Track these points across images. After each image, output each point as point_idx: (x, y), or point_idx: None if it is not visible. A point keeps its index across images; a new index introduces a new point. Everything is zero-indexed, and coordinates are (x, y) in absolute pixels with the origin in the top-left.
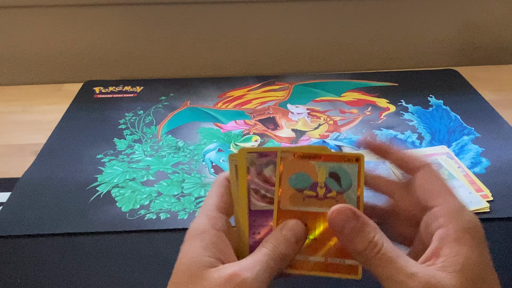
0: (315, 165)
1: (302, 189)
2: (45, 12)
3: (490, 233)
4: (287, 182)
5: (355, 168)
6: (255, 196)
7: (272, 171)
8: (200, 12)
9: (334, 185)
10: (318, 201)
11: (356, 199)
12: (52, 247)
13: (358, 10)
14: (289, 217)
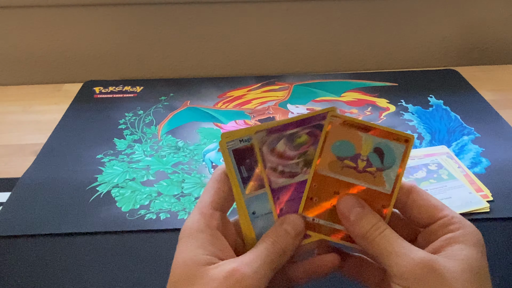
0: (362, 136)
1: (343, 158)
2: (45, 12)
3: (490, 233)
4: (329, 147)
5: (402, 148)
6: (274, 174)
7: (286, 144)
8: (200, 12)
9: (376, 161)
10: (356, 173)
11: (395, 179)
12: (52, 247)
13: (358, 10)
14: (323, 182)
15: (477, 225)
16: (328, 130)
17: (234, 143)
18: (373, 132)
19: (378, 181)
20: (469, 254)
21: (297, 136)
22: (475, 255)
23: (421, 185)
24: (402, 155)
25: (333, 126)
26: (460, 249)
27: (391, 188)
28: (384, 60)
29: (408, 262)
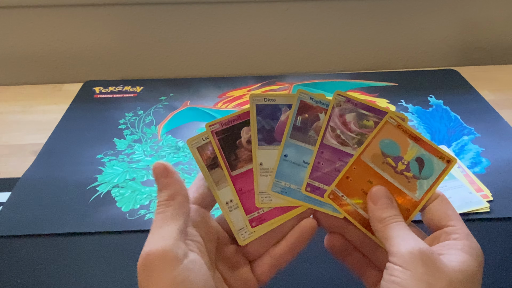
0: (410, 143)
1: (387, 155)
2: (45, 12)
3: (490, 233)
4: (378, 141)
5: (442, 166)
6: (331, 133)
7: (353, 118)
8: (200, 12)
9: (415, 168)
10: (393, 172)
11: (426, 190)
12: (52, 247)
13: (358, 10)
14: (362, 168)
15: (477, 225)
16: (382, 126)
17: (197, 141)
18: (421, 143)
19: (411, 186)
20: (465, 260)
21: (366, 118)
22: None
23: None
24: (441, 172)
25: (387, 126)
26: (457, 254)
27: (420, 197)
28: (384, 60)
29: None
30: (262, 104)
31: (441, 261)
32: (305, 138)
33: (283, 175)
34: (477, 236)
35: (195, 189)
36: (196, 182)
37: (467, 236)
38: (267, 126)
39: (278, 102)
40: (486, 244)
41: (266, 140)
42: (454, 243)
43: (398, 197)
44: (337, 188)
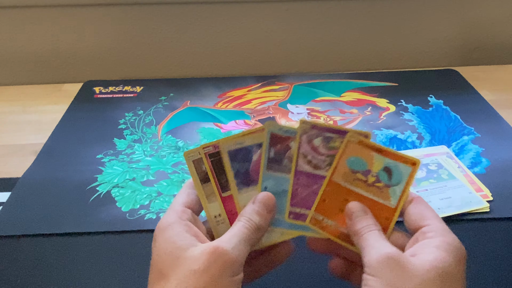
0: (374, 156)
1: (356, 171)
2: (45, 12)
3: (490, 233)
4: (345, 160)
5: (408, 170)
6: (303, 160)
7: (321, 142)
8: (200, 12)
9: (385, 178)
10: (365, 186)
11: (399, 196)
12: (52, 247)
13: (358, 10)
14: (336, 188)
15: (477, 225)
16: (346, 146)
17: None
18: (384, 153)
19: (385, 195)
20: (439, 257)
21: (332, 140)
22: (445, 259)
23: (421, 185)
24: (409, 175)
25: (350, 143)
26: (431, 252)
27: (395, 203)
28: (384, 60)
29: (377, 254)
30: (234, 150)
31: (410, 263)
32: (281, 168)
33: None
34: (477, 236)
35: (186, 195)
36: (186, 189)
37: (443, 233)
38: (242, 170)
39: (248, 144)
40: (486, 244)
41: (244, 183)
42: (429, 242)
43: (375, 208)
44: (317, 213)
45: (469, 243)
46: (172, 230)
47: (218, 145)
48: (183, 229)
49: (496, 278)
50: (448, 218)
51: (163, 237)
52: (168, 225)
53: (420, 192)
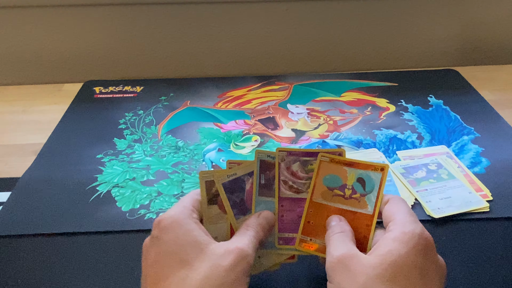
0: (347, 170)
1: (333, 188)
2: (45, 12)
3: (490, 233)
4: (321, 180)
5: (379, 176)
6: (284, 186)
7: (298, 167)
8: (200, 12)
9: (360, 188)
10: (344, 199)
11: (375, 202)
12: (52, 247)
13: (358, 10)
14: (318, 208)
15: (477, 225)
16: (319, 166)
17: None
18: (355, 166)
19: (362, 204)
20: (393, 250)
21: (309, 163)
22: (398, 250)
23: (421, 185)
24: (380, 181)
25: (323, 163)
26: (385, 245)
27: (372, 210)
28: (384, 60)
29: (330, 259)
30: (227, 182)
31: (358, 263)
32: (271, 193)
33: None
34: (476, 236)
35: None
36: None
37: (403, 224)
38: (238, 199)
39: (240, 174)
40: (486, 244)
41: (241, 212)
42: (388, 235)
43: (356, 218)
44: (303, 235)
45: (469, 243)
46: (189, 224)
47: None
48: (197, 226)
49: (496, 278)
50: (448, 218)
51: (183, 228)
52: (184, 218)
53: (420, 192)
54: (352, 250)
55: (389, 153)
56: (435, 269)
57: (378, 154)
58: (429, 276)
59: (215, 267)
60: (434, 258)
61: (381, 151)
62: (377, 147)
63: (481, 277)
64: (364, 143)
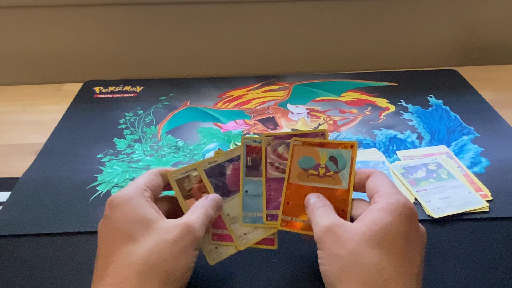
0: (319, 151)
1: (307, 169)
2: (45, 12)
3: (490, 233)
4: (296, 163)
5: (349, 153)
6: (271, 168)
7: (284, 149)
8: (200, 12)
9: (333, 166)
10: (319, 178)
11: (348, 177)
12: (52, 247)
13: (358, 10)
14: (295, 189)
15: (477, 224)
16: (292, 150)
17: (176, 175)
18: (326, 146)
19: (337, 181)
20: (378, 218)
21: None
22: (384, 219)
23: (420, 184)
24: (351, 157)
25: (295, 148)
26: (372, 215)
27: (347, 185)
28: (384, 60)
29: (318, 228)
30: (209, 168)
31: (347, 230)
32: (258, 173)
33: (248, 207)
34: (476, 235)
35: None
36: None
37: (388, 195)
38: (220, 183)
39: (220, 161)
40: (486, 243)
41: (223, 194)
42: (375, 206)
43: (332, 194)
44: (284, 215)
45: (469, 243)
46: (138, 201)
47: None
48: (148, 204)
49: (496, 278)
50: (448, 218)
51: (131, 205)
52: (134, 196)
53: (420, 192)
54: (338, 220)
55: (389, 153)
56: (417, 236)
57: (378, 154)
58: (412, 241)
59: (159, 241)
60: (416, 226)
61: (381, 151)
62: (377, 147)
63: (480, 277)
64: (364, 143)
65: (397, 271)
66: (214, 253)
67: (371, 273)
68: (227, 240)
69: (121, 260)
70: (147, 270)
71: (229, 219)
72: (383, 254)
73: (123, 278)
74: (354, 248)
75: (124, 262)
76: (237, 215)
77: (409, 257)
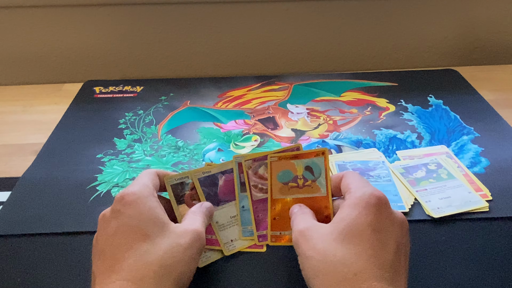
0: (295, 163)
1: (287, 182)
2: (45, 12)
3: (490, 233)
4: (276, 178)
5: (322, 160)
6: (255, 190)
7: (264, 170)
8: (200, 12)
9: (309, 175)
10: (299, 189)
11: (325, 183)
12: (52, 247)
13: (358, 10)
14: (279, 203)
15: (477, 224)
16: (270, 167)
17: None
18: (300, 157)
19: (315, 189)
20: (345, 215)
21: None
22: (349, 215)
23: (420, 184)
24: (324, 164)
25: (274, 163)
26: (340, 213)
27: (325, 191)
28: (384, 60)
29: (294, 234)
30: (202, 177)
31: (316, 232)
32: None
33: (246, 222)
34: (476, 235)
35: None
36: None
37: (355, 190)
38: (212, 192)
39: (214, 172)
40: (486, 244)
41: (213, 203)
42: (344, 203)
43: (314, 203)
44: (273, 231)
45: (469, 243)
46: (152, 202)
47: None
48: (158, 205)
49: (496, 278)
50: (448, 217)
51: (145, 204)
52: (147, 195)
53: (420, 191)
54: (310, 223)
55: (389, 153)
56: (390, 224)
57: (377, 154)
58: (383, 229)
59: (175, 245)
60: (387, 213)
61: (381, 151)
62: (377, 147)
63: (480, 277)
64: (364, 143)
65: (367, 262)
66: (203, 256)
67: (340, 270)
68: (215, 245)
69: (138, 258)
70: (163, 272)
71: (217, 226)
72: (351, 249)
73: (141, 275)
74: (323, 248)
75: (141, 260)
76: (225, 223)
77: (379, 246)
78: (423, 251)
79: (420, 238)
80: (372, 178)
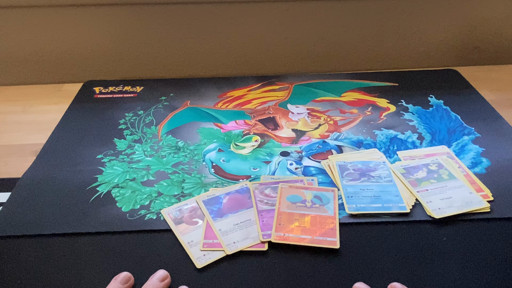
0: (304, 192)
1: (296, 203)
2: (45, 12)
3: (491, 233)
4: (285, 198)
5: (331, 194)
6: (261, 204)
7: (270, 191)
8: (200, 12)
9: (318, 201)
10: (306, 208)
11: (333, 207)
12: (52, 247)
13: (358, 10)
14: (285, 215)
15: (478, 225)
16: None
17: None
18: (310, 189)
19: (323, 210)
20: None
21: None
22: None
23: (421, 185)
24: (333, 198)
25: (284, 189)
26: None
27: (333, 212)
28: (384, 60)
29: None
30: (206, 199)
31: None
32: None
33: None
34: (477, 236)
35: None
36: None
37: None
38: (215, 209)
39: (218, 194)
40: (487, 244)
41: (217, 216)
42: None
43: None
44: (277, 232)
45: (470, 243)
46: None
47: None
48: None
49: (497, 278)
50: (449, 218)
51: None
52: None
53: (421, 192)
54: None
55: (390, 153)
56: None
57: (378, 154)
58: None
59: None
60: None
61: (382, 151)
62: (377, 147)
63: (481, 277)
64: (365, 143)
65: None
66: (202, 259)
67: None
68: (216, 247)
69: None
70: None
71: (220, 233)
72: None
73: None
74: None
75: None
76: (228, 230)
77: None
78: (424, 252)
79: (421, 239)
80: (373, 179)
